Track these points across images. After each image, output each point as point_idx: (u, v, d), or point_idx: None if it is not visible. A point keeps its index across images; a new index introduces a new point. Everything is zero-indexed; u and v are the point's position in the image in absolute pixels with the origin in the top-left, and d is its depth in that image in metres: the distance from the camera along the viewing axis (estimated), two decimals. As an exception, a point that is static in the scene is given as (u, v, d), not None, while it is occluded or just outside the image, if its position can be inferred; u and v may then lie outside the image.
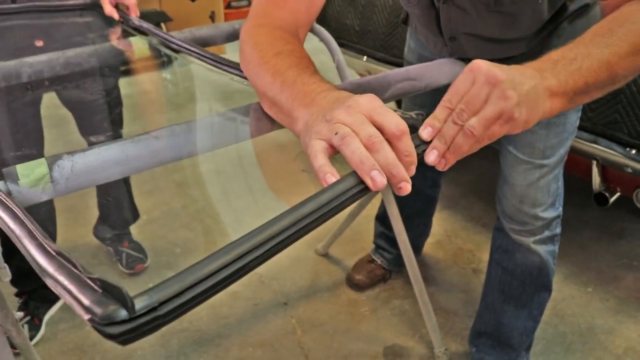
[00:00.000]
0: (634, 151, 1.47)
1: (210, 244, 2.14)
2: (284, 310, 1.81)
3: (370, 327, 1.73)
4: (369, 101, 0.57)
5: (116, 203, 1.99)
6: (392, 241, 1.71)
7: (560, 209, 1.32)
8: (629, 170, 1.49)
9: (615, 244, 2.08)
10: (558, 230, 1.35)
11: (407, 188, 0.55)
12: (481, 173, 2.53)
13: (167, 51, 1.34)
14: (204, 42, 1.46)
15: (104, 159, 0.76)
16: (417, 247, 1.85)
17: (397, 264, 1.85)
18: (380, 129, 0.55)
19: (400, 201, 1.63)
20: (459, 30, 1.08)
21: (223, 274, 0.38)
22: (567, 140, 1.22)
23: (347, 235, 2.03)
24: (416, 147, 0.62)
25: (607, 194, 1.68)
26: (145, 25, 1.40)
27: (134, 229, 2.06)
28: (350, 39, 2.29)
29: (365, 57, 2.24)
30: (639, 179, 1.54)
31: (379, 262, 1.90)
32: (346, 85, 1.02)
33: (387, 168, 0.54)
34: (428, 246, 2.00)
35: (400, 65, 2.16)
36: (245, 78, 1.01)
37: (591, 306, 1.80)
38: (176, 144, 0.85)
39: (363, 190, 0.55)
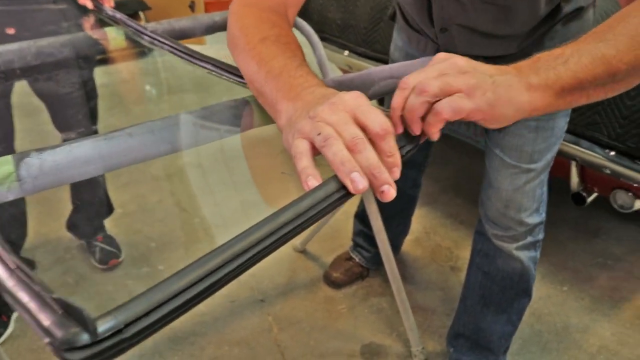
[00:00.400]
0: (612, 153, 1.48)
1: (187, 238, 2.11)
2: (260, 307, 1.79)
3: (347, 324, 1.71)
4: (353, 99, 0.55)
5: (90, 196, 1.95)
6: (371, 239, 1.70)
7: (544, 214, 1.31)
8: (607, 171, 1.49)
9: (591, 242, 2.09)
10: (540, 236, 1.34)
11: (390, 193, 0.53)
12: (460, 169, 2.53)
13: (143, 42, 1.31)
14: (182, 34, 1.42)
15: (74, 157, 0.73)
16: (395, 247, 1.84)
17: (376, 262, 1.83)
18: (363, 128, 0.53)
19: (380, 201, 1.61)
20: (452, 21, 1.05)
21: (194, 291, 0.36)
22: (554, 145, 1.20)
23: (325, 231, 2.01)
24: (401, 148, 0.61)
25: (584, 194, 1.68)
26: (119, 15, 1.36)
27: (108, 223, 2.02)
28: (332, 33, 2.26)
29: (346, 52, 2.22)
30: (616, 180, 1.55)
31: (357, 260, 1.89)
32: (328, 82, 1.00)
33: (368, 169, 0.52)
34: (406, 243, 1.99)
35: (382, 60, 2.14)
36: (220, 74, 0.98)
37: (567, 305, 1.81)
38: (152, 142, 0.82)
39: (344, 195, 0.53)
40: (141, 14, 4.24)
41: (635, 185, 1.52)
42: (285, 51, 0.69)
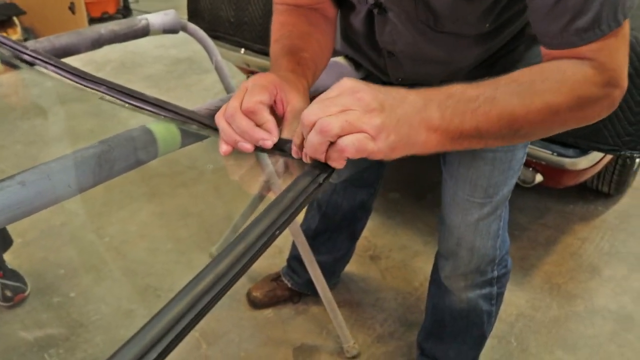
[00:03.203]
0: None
1: (98, 259, 1.99)
2: (185, 323, 1.73)
3: (275, 330, 1.70)
4: (248, 84, 0.70)
5: (-18, 230, 1.79)
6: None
7: (502, 252, 1.25)
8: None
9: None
10: (496, 272, 1.28)
11: (266, 144, 0.66)
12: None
13: (21, 64, 1.19)
14: (65, 52, 1.31)
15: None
16: (333, 272, 1.73)
17: (310, 287, 1.62)
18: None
19: (326, 218, 1.58)
20: (396, 47, 0.96)
21: None
22: (512, 178, 1.12)
23: (240, 232, 1.96)
24: (316, 176, 0.62)
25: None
26: (-8, 33, 1.24)
27: (8, 256, 1.87)
28: (226, 32, 2.20)
29: (243, 50, 2.17)
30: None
31: (289, 284, 1.76)
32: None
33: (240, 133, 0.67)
34: (325, 237, 1.99)
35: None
36: (113, 95, 0.91)
37: (482, 278, 1.88)
38: (48, 188, 0.76)
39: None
40: (15, 19, 3.94)
41: (535, 161, 1.61)
42: (277, 59, 0.83)
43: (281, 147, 0.69)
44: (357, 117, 0.57)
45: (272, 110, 0.70)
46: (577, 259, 2.00)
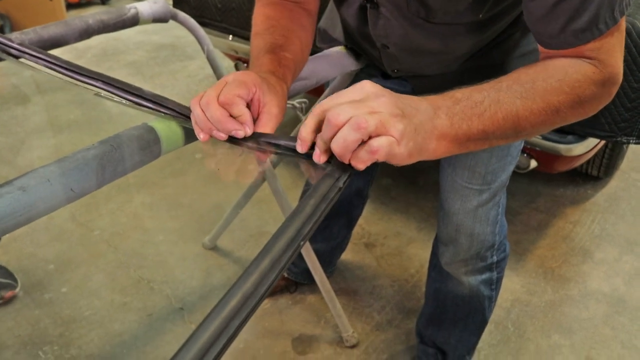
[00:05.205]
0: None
1: (88, 253, 1.96)
2: (180, 316, 1.71)
3: (273, 320, 1.69)
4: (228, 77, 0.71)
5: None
6: (301, 254, 1.59)
7: (501, 237, 1.25)
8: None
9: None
10: (496, 257, 1.28)
11: (238, 134, 0.67)
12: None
13: (7, 57, 1.15)
14: (53, 43, 1.27)
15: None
16: (330, 262, 1.73)
17: (307, 277, 1.67)
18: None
19: None
20: (390, 39, 0.95)
21: None
22: (509, 164, 1.13)
23: (232, 223, 1.95)
24: (337, 180, 0.61)
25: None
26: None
27: (-5, 252, 1.84)
28: (213, 18, 2.15)
29: (231, 36, 2.13)
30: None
31: (285, 274, 1.75)
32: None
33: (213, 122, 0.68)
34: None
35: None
36: (102, 89, 0.88)
37: (477, 263, 1.89)
38: (50, 193, 0.73)
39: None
40: (-10, 6, 3.83)
41: (529, 147, 1.60)
42: (257, 50, 0.83)
43: (256, 139, 0.70)
44: (386, 119, 0.57)
45: (248, 107, 0.71)
46: (570, 243, 2.02)
